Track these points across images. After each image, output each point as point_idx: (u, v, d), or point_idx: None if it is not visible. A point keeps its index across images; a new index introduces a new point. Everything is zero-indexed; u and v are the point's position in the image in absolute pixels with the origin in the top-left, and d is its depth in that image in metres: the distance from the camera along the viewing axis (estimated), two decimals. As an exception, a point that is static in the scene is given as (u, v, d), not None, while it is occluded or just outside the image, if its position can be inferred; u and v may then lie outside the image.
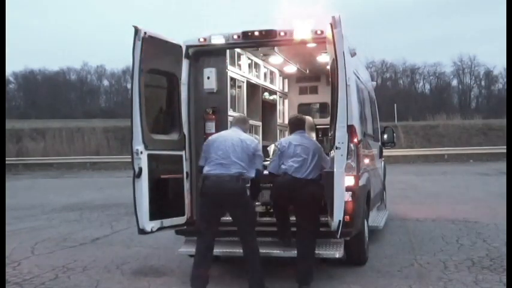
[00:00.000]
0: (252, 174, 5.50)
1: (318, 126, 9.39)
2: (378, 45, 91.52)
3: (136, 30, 5.58)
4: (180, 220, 6.18)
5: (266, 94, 8.83)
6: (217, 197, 5.34)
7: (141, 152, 5.56)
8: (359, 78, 7.02)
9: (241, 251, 5.55)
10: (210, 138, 5.76)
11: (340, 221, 5.30)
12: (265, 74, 8.71)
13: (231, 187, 5.31)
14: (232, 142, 5.47)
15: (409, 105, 54.29)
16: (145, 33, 5.63)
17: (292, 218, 5.99)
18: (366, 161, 6.95)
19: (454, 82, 70.04)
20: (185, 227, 6.22)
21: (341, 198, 5.37)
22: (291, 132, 6.28)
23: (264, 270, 5.44)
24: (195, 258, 5.51)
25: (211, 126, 6.50)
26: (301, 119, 6.45)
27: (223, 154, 5.41)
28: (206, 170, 5.44)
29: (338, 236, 5.45)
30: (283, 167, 5.85)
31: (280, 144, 6.12)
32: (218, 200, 5.35)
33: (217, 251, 5.73)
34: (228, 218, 5.60)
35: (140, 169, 5.59)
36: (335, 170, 5.41)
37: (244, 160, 5.42)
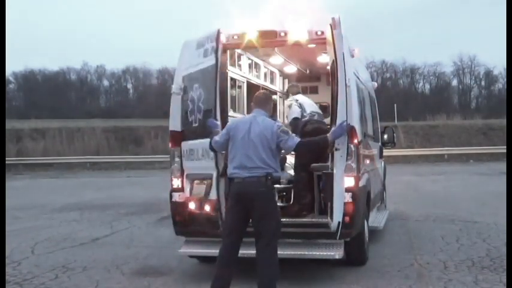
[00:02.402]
0: (279, 173, 5.14)
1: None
2: (378, 45, 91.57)
3: (219, 34, 5.92)
4: None
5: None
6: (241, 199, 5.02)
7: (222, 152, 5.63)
8: (359, 79, 7.02)
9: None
10: (232, 125, 5.25)
11: (339, 222, 5.30)
12: (265, 74, 8.71)
13: (256, 189, 4.93)
14: (253, 141, 4.99)
15: (409, 105, 54.28)
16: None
17: None
18: (366, 161, 6.95)
19: (454, 82, 70.12)
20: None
21: (340, 200, 5.37)
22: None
23: None
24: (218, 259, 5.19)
25: None
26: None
27: (249, 159, 4.98)
28: (229, 171, 5.11)
29: (337, 238, 5.44)
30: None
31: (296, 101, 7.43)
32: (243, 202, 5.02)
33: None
34: None
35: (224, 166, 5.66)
36: (334, 171, 5.41)
37: (270, 158, 5.01)
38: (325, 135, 5.35)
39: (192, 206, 6.11)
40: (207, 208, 5.91)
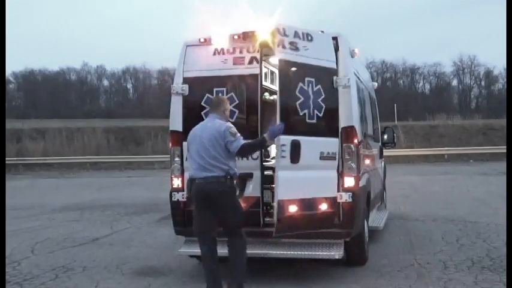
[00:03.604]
0: (235, 170, 5.26)
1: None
2: (378, 45, 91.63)
3: (261, 49, 6.17)
4: None
5: (266, 94, 8.82)
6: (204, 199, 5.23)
7: None
8: (359, 79, 7.02)
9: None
10: (190, 133, 5.48)
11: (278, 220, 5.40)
12: (265, 74, 8.70)
13: (216, 189, 5.14)
14: (205, 144, 5.21)
15: (409, 105, 54.31)
16: None
17: None
18: (366, 161, 6.95)
19: (454, 82, 70.25)
20: None
21: (276, 197, 5.45)
22: None
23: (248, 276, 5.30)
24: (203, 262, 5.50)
25: None
26: None
27: (202, 158, 5.20)
28: (190, 173, 5.36)
29: (274, 235, 5.52)
30: None
31: None
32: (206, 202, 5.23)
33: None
34: None
35: None
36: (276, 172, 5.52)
37: (224, 157, 5.20)
38: (262, 137, 5.40)
39: None
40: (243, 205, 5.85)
